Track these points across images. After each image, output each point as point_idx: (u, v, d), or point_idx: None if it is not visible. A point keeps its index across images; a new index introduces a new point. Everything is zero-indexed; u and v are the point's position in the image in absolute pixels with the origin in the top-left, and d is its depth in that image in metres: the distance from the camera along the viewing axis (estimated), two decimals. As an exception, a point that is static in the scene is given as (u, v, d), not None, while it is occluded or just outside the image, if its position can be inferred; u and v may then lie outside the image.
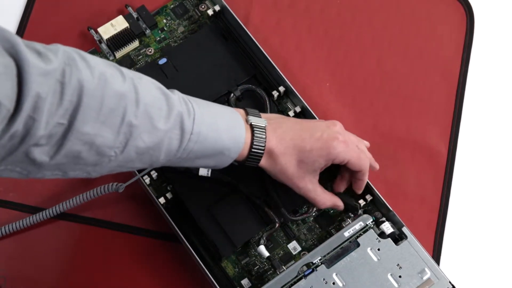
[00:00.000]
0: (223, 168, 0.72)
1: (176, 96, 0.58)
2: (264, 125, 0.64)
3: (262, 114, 0.66)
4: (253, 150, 0.63)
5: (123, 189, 0.70)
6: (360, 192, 0.71)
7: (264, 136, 0.63)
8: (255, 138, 0.63)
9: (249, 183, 0.72)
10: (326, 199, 0.68)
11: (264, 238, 0.69)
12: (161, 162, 0.58)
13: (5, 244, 0.72)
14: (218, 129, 0.60)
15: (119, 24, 0.79)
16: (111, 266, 0.72)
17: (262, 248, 0.69)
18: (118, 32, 0.79)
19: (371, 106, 0.81)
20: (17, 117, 0.46)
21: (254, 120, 0.64)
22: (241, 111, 0.65)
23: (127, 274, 0.72)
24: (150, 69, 0.77)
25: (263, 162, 0.65)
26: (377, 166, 0.71)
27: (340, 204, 0.70)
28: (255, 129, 0.63)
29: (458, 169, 0.79)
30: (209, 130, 0.59)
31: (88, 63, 0.51)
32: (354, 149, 0.66)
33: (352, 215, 0.72)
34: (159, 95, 0.56)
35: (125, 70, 0.55)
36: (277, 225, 0.70)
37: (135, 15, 0.81)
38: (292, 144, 0.64)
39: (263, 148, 0.63)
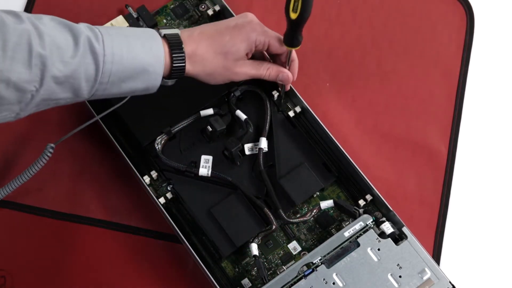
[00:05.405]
0: (223, 168, 0.73)
1: (81, 24, 0.59)
2: (177, 33, 0.64)
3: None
4: (174, 56, 0.63)
5: (53, 150, 0.70)
6: (289, 83, 0.72)
7: (180, 41, 0.63)
8: (171, 45, 0.63)
9: (249, 184, 0.72)
10: (271, 69, 0.70)
11: (259, 238, 0.69)
12: (86, 91, 0.59)
13: (5, 244, 0.73)
14: (131, 45, 0.60)
15: (119, 24, 0.79)
16: (111, 266, 0.72)
17: (253, 246, 0.68)
18: (118, 32, 0.79)
19: (371, 106, 0.81)
20: None
21: (166, 31, 0.64)
22: (152, 29, 0.65)
23: (127, 274, 0.72)
24: (150, 69, 0.77)
25: (191, 68, 0.65)
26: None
27: (285, 71, 0.71)
28: (169, 38, 0.63)
29: (458, 169, 0.78)
30: (123, 49, 0.60)
31: None
32: (271, 31, 0.68)
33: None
34: (61, 27, 0.58)
35: (23, 13, 0.57)
36: (274, 227, 0.70)
37: (135, 15, 0.81)
38: (211, 41, 0.65)
39: (182, 52, 0.63)
